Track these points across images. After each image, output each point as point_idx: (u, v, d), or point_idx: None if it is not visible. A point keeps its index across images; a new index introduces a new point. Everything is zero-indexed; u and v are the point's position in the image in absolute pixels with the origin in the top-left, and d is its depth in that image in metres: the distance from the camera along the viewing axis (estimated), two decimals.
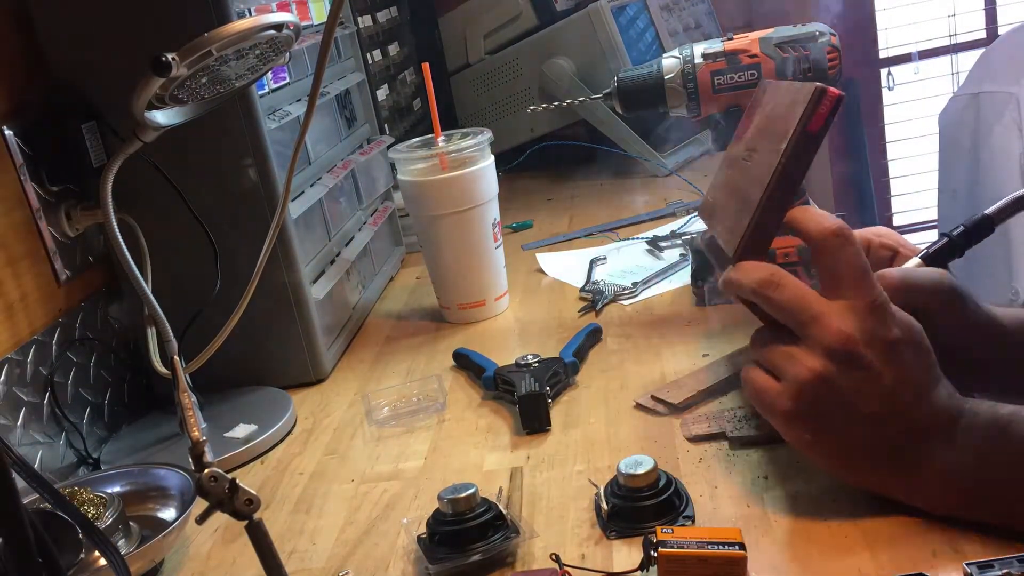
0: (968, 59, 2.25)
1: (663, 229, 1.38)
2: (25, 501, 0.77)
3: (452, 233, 1.15)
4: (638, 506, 0.70)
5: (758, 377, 0.66)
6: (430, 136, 1.18)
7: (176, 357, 0.86)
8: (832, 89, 0.65)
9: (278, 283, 1.04)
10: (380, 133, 1.47)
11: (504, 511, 0.71)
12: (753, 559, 0.62)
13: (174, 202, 0.92)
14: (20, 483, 0.48)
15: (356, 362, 1.13)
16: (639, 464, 0.71)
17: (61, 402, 0.94)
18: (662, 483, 0.71)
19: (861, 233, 0.76)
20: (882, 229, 0.79)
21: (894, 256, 0.76)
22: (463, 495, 0.70)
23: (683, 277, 1.18)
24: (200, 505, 0.60)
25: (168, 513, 0.82)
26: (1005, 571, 0.55)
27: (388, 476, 0.86)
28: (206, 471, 0.58)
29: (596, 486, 0.74)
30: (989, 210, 0.74)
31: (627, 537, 0.69)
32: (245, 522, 0.60)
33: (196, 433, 0.60)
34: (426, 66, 1.17)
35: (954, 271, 0.73)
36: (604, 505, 0.71)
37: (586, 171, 1.80)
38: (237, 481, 0.58)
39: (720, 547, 0.61)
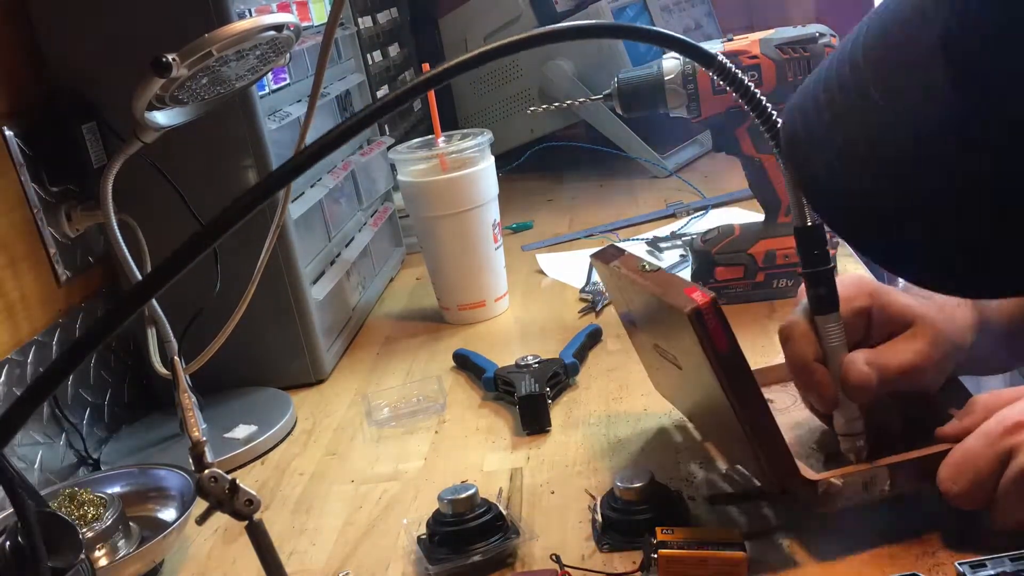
0: None
1: (663, 230, 1.38)
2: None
3: (452, 234, 1.15)
4: (633, 519, 0.69)
5: None
6: (430, 137, 1.18)
7: (176, 358, 0.86)
8: (700, 298, 0.59)
9: (278, 284, 1.04)
10: (380, 134, 1.47)
11: (504, 512, 0.71)
12: (754, 560, 0.62)
13: (174, 202, 0.92)
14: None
15: (356, 363, 1.13)
16: (635, 477, 0.70)
17: (61, 403, 0.94)
18: (658, 496, 0.70)
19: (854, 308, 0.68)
20: (851, 288, 0.69)
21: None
22: (463, 496, 0.70)
23: (683, 278, 1.17)
24: (200, 505, 0.60)
25: (168, 514, 0.82)
26: (999, 571, 0.55)
27: (388, 477, 0.86)
28: (206, 471, 0.58)
29: (593, 497, 0.73)
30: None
31: (621, 551, 0.68)
32: (245, 523, 0.60)
33: (196, 434, 0.60)
34: (426, 67, 1.17)
35: None
36: (598, 517, 0.70)
37: (586, 172, 1.80)
38: (237, 482, 0.58)
39: (720, 548, 0.61)
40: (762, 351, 0.95)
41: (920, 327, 0.67)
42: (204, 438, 0.59)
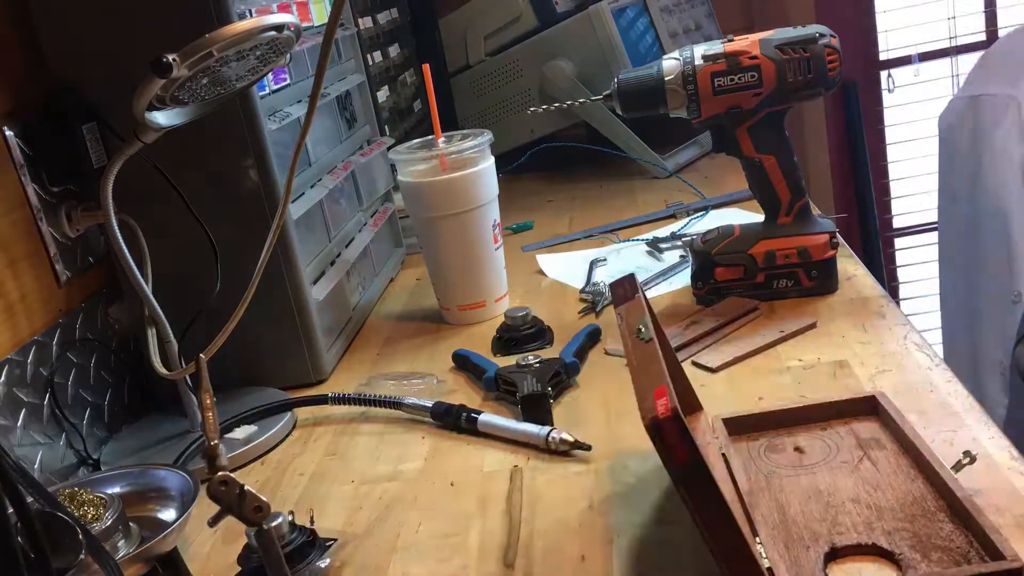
0: (968, 61, 2.25)
1: (663, 230, 1.38)
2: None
3: (452, 234, 1.15)
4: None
5: None
6: (430, 137, 1.18)
7: (202, 355, 0.85)
8: (662, 408, 0.55)
9: (279, 284, 1.04)
10: (380, 134, 1.47)
11: (312, 527, 0.72)
12: None
13: (174, 203, 0.92)
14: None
15: (356, 363, 1.13)
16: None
17: (61, 403, 0.94)
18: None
19: None
20: None
21: None
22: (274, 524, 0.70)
23: (683, 278, 1.18)
24: (200, 506, 0.60)
25: (168, 514, 0.82)
26: None
27: (388, 477, 0.86)
28: (218, 474, 0.57)
29: None
30: None
31: None
32: (255, 528, 0.59)
33: (212, 434, 0.59)
34: (426, 67, 1.17)
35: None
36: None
37: (586, 172, 1.80)
38: (247, 487, 0.58)
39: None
40: (761, 352, 0.95)
41: None
42: (216, 440, 0.59)
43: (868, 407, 0.76)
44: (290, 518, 0.73)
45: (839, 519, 0.64)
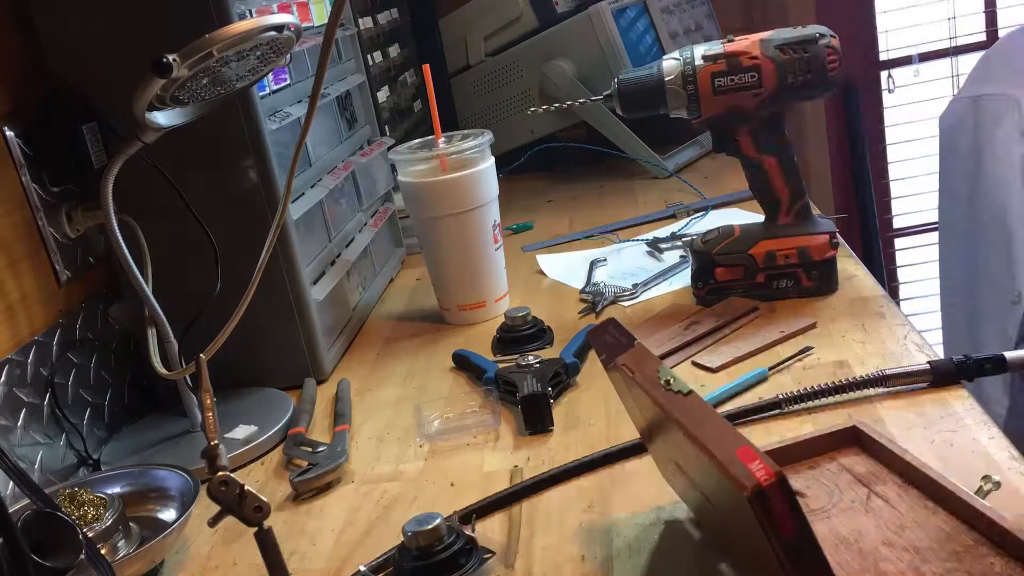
0: (968, 62, 2.25)
1: (663, 231, 1.38)
2: (19, 505, 0.77)
3: (452, 234, 1.15)
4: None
5: None
6: (430, 138, 1.18)
7: (202, 356, 0.86)
8: (763, 473, 0.47)
9: (278, 284, 1.04)
10: (381, 134, 1.47)
11: (472, 534, 0.69)
12: None
13: (174, 203, 0.92)
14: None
15: (356, 363, 1.13)
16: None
17: (61, 403, 0.94)
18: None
19: None
20: None
21: None
22: (429, 527, 0.67)
23: (683, 279, 1.18)
24: (201, 506, 0.60)
25: (168, 514, 0.82)
26: None
27: (388, 477, 0.86)
28: (217, 476, 0.57)
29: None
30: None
31: None
32: (255, 529, 0.59)
33: (213, 434, 0.59)
34: (426, 68, 1.17)
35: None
36: None
37: (586, 173, 1.80)
38: (246, 487, 0.58)
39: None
40: (761, 352, 0.95)
41: None
42: (216, 441, 0.59)
43: (850, 438, 0.72)
44: (451, 520, 0.69)
45: (881, 567, 0.59)
